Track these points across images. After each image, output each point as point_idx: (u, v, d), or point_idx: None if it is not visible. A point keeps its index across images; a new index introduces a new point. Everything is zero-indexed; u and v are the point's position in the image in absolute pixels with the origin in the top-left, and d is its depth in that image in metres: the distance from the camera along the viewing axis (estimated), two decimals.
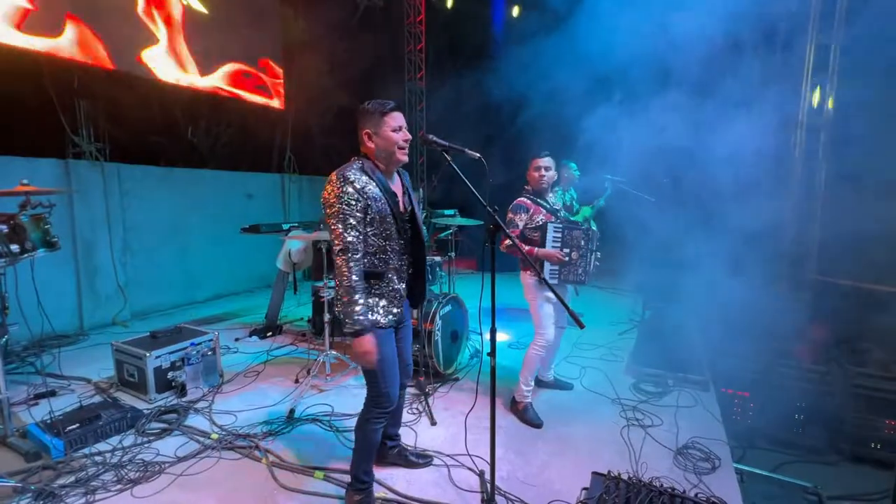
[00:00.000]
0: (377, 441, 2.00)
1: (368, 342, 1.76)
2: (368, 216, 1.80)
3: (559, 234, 2.76)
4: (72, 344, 4.16)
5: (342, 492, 2.13)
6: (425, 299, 2.17)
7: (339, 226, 1.74)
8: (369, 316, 1.82)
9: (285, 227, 4.53)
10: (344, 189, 1.73)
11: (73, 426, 2.48)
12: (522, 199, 2.84)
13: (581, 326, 1.77)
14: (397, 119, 1.83)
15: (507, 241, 2.65)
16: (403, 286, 1.95)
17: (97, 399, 2.99)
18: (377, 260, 1.86)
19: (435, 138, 1.83)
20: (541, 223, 2.79)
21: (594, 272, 2.95)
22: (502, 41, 8.80)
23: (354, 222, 1.75)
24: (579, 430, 2.74)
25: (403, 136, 1.83)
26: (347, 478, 2.22)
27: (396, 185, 1.94)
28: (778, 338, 3.52)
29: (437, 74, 8.76)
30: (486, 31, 8.96)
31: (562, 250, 2.74)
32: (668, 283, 5.60)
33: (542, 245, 2.75)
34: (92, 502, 2.07)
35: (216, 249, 5.87)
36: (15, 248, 2.28)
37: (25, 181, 2.48)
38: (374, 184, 1.80)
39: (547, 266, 2.76)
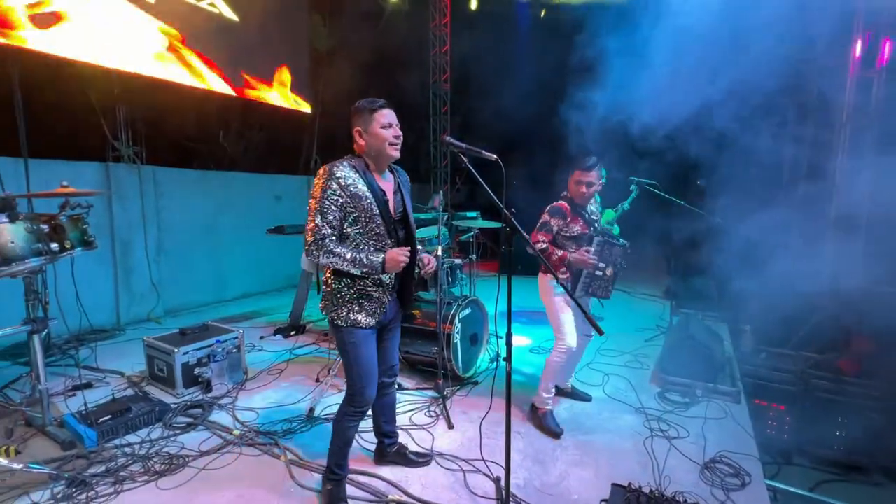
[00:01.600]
0: (351, 437, 2.04)
1: (392, 257, 1.78)
2: (351, 215, 1.82)
3: (599, 249, 2.66)
4: (109, 338, 4.36)
5: (358, 492, 2.14)
6: (413, 300, 2.17)
7: (318, 219, 1.77)
8: (351, 316, 1.86)
9: None
10: (328, 183, 1.77)
11: (106, 418, 2.59)
12: (562, 202, 2.72)
13: (600, 333, 1.71)
14: (387, 116, 1.86)
15: (539, 245, 2.60)
16: (389, 286, 1.94)
17: (129, 392, 3.11)
18: None
19: (453, 140, 1.82)
20: (576, 234, 2.70)
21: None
22: (528, 42, 8.74)
23: (332, 218, 1.78)
24: (600, 439, 2.66)
25: (394, 133, 1.86)
26: (363, 479, 2.24)
27: (387, 184, 1.95)
28: (818, 348, 3.33)
29: (462, 77, 8.78)
30: (511, 33, 8.92)
31: (598, 264, 2.64)
32: (698, 289, 5.41)
33: None
34: (120, 492, 2.15)
35: (245, 250, 6.04)
36: (55, 246, 2.40)
37: (65, 183, 2.60)
38: (362, 182, 1.82)
39: (582, 277, 2.70)
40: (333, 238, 1.80)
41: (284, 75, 6.37)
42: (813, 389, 3.03)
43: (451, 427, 2.75)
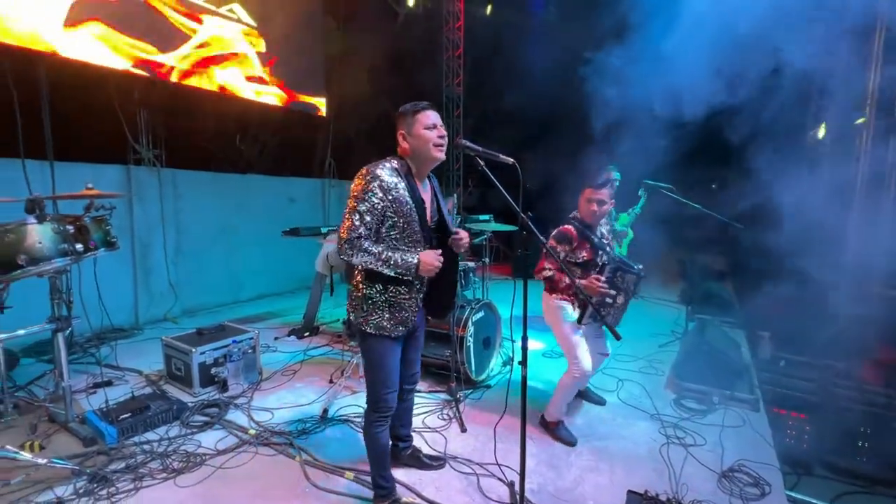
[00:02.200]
0: (385, 443, 2.02)
1: (426, 260, 1.75)
2: (390, 219, 1.78)
3: (611, 276, 2.53)
4: (128, 337, 4.46)
5: (370, 494, 2.14)
6: (451, 311, 2.12)
7: (356, 218, 1.72)
8: (382, 323, 1.84)
9: (324, 230, 4.65)
10: (370, 185, 1.73)
11: (126, 415, 2.65)
12: (569, 227, 2.62)
13: (617, 338, 1.70)
14: (430, 117, 1.81)
15: (545, 272, 2.54)
16: (418, 298, 1.91)
17: (148, 390, 3.17)
18: None
19: (468, 143, 1.82)
20: (582, 260, 2.61)
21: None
22: (541, 45, 8.73)
23: (369, 219, 1.73)
24: (615, 445, 2.64)
25: (438, 133, 1.81)
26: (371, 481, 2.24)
27: (426, 192, 1.92)
28: (840, 356, 3.25)
29: (474, 80, 8.79)
30: (524, 37, 8.92)
31: (608, 292, 2.53)
32: (714, 294, 5.33)
33: None
34: (139, 488, 2.19)
35: (260, 251, 6.12)
36: (79, 247, 2.47)
37: (90, 185, 2.67)
38: (404, 187, 1.79)
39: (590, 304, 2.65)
40: (369, 238, 1.76)
41: (301, 79, 6.45)
42: (835, 398, 2.96)
43: (463, 430, 2.75)
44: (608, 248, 2.69)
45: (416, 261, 1.74)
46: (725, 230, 4.44)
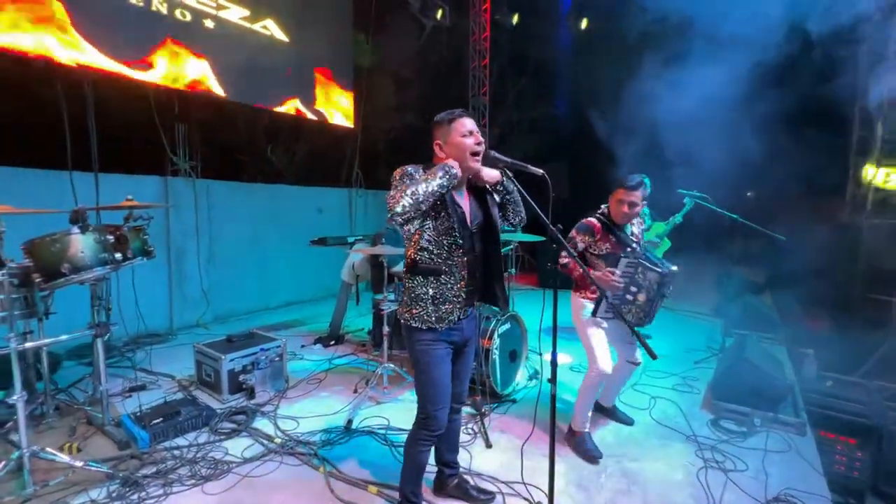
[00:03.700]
0: (424, 462, 1.95)
1: (448, 163, 1.69)
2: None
3: (630, 270, 2.44)
4: (162, 342, 4.60)
5: None
6: (506, 299, 2.03)
7: (398, 191, 1.65)
8: (425, 316, 1.79)
9: (350, 239, 4.70)
10: (406, 171, 1.72)
11: (158, 420, 2.71)
12: (592, 220, 2.59)
13: (653, 357, 1.61)
14: (466, 124, 1.76)
15: (564, 259, 2.50)
16: (462, 292, 1.83)
17: (179, 395, 3.25)
18: (434, 255, 1.79)
19: (497, 155, 1.79)
20: (605, 252, 2.57)
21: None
22: (567, 56, 8.69)
23: (410, 181, 1.68)
24: (649, 467, 2.51)
25: (475, 140, 1.75)
26: (399, 495, 2.21)
27: (464, 199, 1.86)
28: (893, 377, 3.03)
29: (501, 90, 8.80)
30: (550, 47, 8.89)
31: (628, 288, 2.45)
32: (753, 308, 5.08)
33: None
34: (169, 494, 2.22)
35: (288, 260, 6.24)
36: (118, 256, 2.56)
37: (130, 196, 2.79)
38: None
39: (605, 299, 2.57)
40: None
41: (329, 90, 6.60)
42: (889, 422, 2.75)
43: (489, 446, 2.69)
44: (634, 246, 2.61)
45: (454, 165, 1.69)
46: (766, 240, 4.23)
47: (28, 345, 2.41)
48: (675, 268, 2.48)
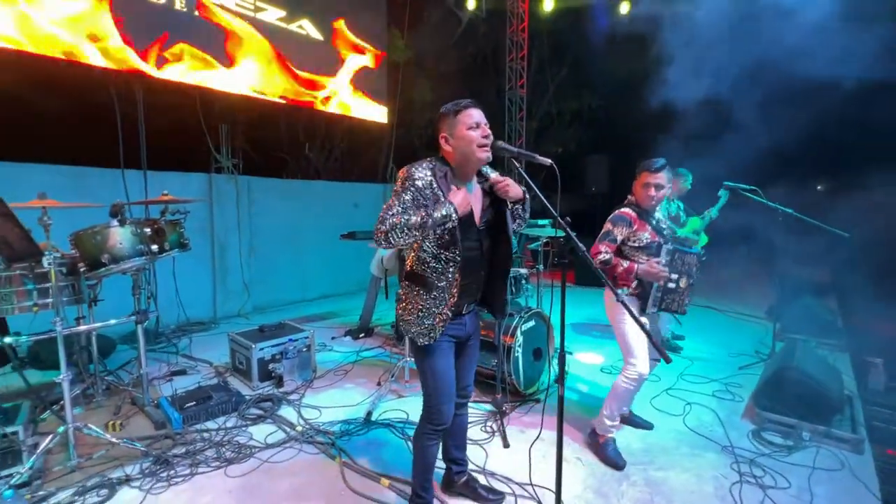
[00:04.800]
0: (432, 457, 1.93)
1: (456, 199, 1.63)
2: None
3: (670, 258, 2.43)
4: (205, 330, 4.87)
5: (405, 503, 2.10)
6: (505, 310, 1.99)
7: (390, 205, 1.65)
8: (410, 328, 1.78)
9: None
10: (406, 183, 1.68)
11: (191, 403, 2.87)
12: (626, 210, 2.51)
13: (667, 361, 1.50)
14: (473, 116, 1.69)
15: (602, 256, 2.40)
16: (452, 302, 1.76)
17: (214, 381, 3.42)
18: (428, 269, 1.75)
19: (504, 145, 1.72)
20: (646, 242, 2.47)
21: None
22: (607, 44, 8.32)
23: (403, 209, 1.64)
24: (677, 478, 2.35)
25: (482, 133, 1.68)
26: (411, 489, 2.20)
27: (476, 195, 1.81)
28: None
29: (541, 81, 8.56)
30: (588, 37, 8.55)
31: (670, 276, 2.42)
32: (811, 311, 4.64)
33: None
34: (195, 474, 2.34)
35: (325, 253, 6.42)
36: (155, 248, 2.71)
37: (166, 192, 2.95)
38: (438, 187, 1.69)
39: (653, 291, 2.45)
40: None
41: (364, 87, 6.69)
42: None
43: (506, 446, 2.62)
44: (666, 233, 2.54)
45: (451, 208, 1.61)
46: (831, 238, 3.84)
47: (74, 329, 2.61)
48: (700, 250, 2.50)
